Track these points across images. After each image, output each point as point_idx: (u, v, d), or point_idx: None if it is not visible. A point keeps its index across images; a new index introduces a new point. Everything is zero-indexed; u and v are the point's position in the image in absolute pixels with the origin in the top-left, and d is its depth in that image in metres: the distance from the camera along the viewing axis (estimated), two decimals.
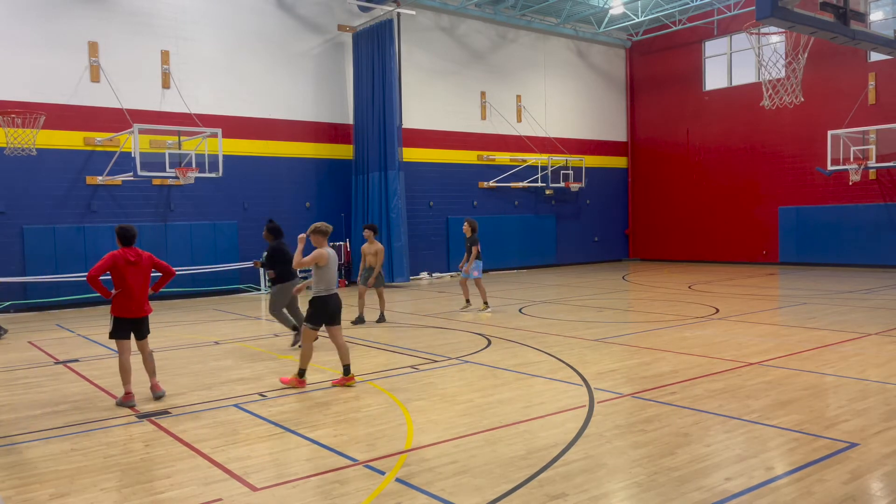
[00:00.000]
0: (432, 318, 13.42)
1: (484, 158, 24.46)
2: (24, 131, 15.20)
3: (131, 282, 7.54)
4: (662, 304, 14.76)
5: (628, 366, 8.77)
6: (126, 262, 7.55)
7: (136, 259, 7.64)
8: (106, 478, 5.26)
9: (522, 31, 25.58)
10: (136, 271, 7.60)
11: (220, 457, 5.64)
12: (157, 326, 13.43)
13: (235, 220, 19.36)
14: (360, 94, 21.29)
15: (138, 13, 18.01)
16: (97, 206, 17.47)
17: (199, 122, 18.02)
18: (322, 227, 8.12)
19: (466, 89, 24.11)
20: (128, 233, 7.74)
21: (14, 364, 9.99)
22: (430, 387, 7.93)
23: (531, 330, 11.71)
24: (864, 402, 6.83)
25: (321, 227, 8.11)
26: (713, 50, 26.35)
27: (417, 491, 4.84)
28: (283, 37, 20.38)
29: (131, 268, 7.56)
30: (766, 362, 8.72)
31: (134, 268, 7.60)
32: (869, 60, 21.82)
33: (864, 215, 22.28)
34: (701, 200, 26.61)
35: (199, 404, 7.37)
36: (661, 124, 27.91)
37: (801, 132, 23.52)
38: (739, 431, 6.00)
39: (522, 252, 25.37)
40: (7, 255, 16.30)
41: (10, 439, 6.30)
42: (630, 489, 4.85)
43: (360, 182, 21.55)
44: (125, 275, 7.50)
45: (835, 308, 13.53)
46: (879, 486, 4.82)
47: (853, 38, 7.92)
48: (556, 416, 6.56)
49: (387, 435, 6.12)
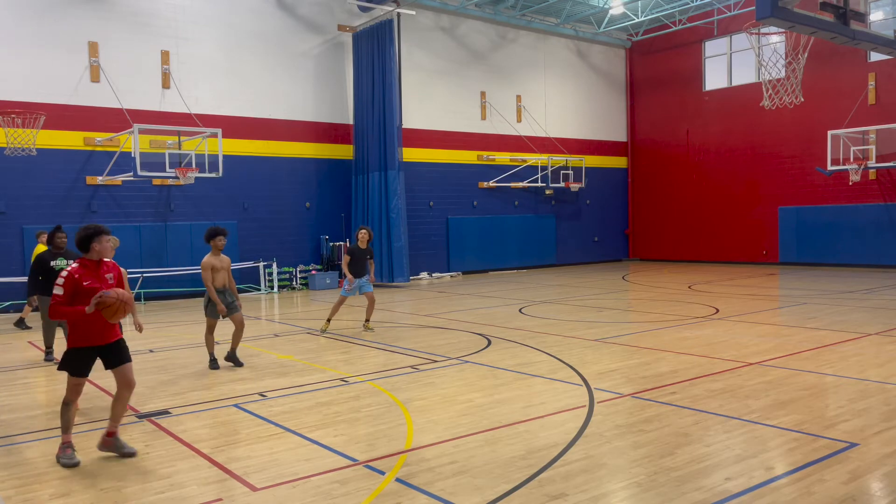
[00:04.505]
0: (432, 318, 13.42)
1: (484, 158, 24.46)
2: (24, 131, 15.20)
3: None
4: (662, 305, 14.76)
5: (628, 366, 8.77)
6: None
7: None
8: (106, 478, 5.26)
9: (522, 31, 25.57)
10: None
11: (220, 457, 5.64)
12: (158, 326, 13.43)
13: (235, 220, 19.36)
14: (360, 95, 21.30)
15: (138, 13, 18.01)
16: (97, 206, 17.48)
17: (199, 122, 18.02)
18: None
19: (466, 89, 24.11)
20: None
21: (14, 364, 9.99)
22: (430, 387, 7.93)
23: (531, 330, 11.71)
24: (864, 402, 6.83)
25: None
26: (713, 50, 26.35)
27: (417, 491, 4.84)
28: (283, 37, 20.38)
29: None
30: (766, 362, 8.72)
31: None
32: (869, 60, 21.82)
33: (864, 215, 22.28)
34: (701, 200, 26.61)
35: (199, 404, 7.37)
36: (661, 124, 27.91)
37: (801, 132, 23.52)
38: (739, 431, 6.00)
39: (522, 252, 25.37)
40: (7, 255, 16.30)
41: (10, 439, 6.30)
42: (630, 489, 4.85)
43: (360, 182, 21.56)
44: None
45: (835, 308, 13.53)
46: (879, 486, 4.82)
47: (853, 38, 7.93)
48: (556, 416, 6.55)
49: (387, 435, 6.12)
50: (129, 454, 5.69)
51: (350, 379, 8.41)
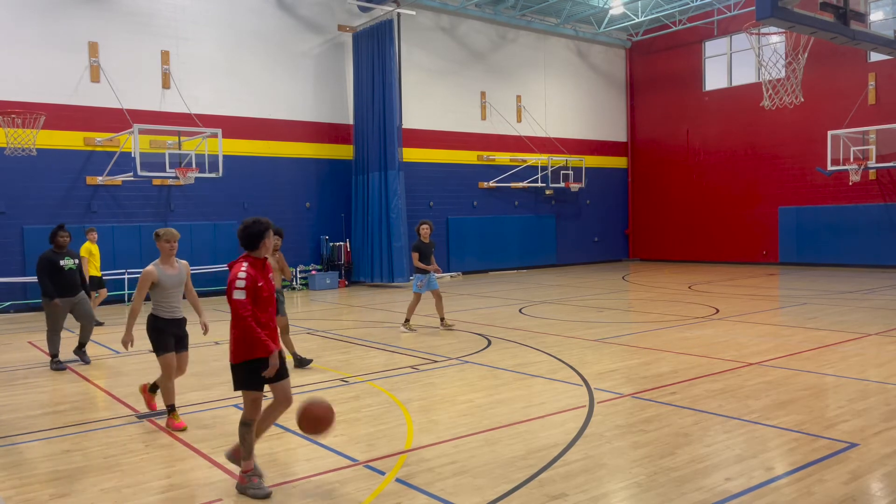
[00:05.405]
0: (432, 319, 13.41)
1: (484, 158, 24.46)
2: (24, 131, 15.20)
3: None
4: (662, 305, 14.76)
5: (628, 366, 8.77)
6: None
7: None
8: (106, 478, 5.26)
9: (522, 31, 25.57)
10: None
11: (219, 457, 5.63)
12: None
13: (235, 220, 19.36)
14: (360, 95, 21.29)
15: (138, 13, 18.01)
16: (97, 206, 17.48)
17: (199, 122, 18.02)
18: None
19: (466, 89, 24.11)
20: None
21: (14, 364, 9.99)
22: (430, 387, 7.92)
23: (531, 330, 11.71)
24: (864, 402, 6.83)
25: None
26: (713, 50, 26.35)
27: (417, 491, 4.84)
28: (283, 37, 20.38)
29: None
30: (766, 362, 8.72)
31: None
32: (869, 60, 21.82)
33: (864, 215, 22.28)
34: (701, 200, 26.61)
35: (199, 404, 7.37)
36: (661, 124, 27.91)
37: (801, 132, 23.52)
38: (739, 431, 6.00)
39: (522, 252, 25.37)
40: (7, 255, 16.30)
41: (10, 439, 6.30)
42: (630, 489, 4.85)
43: (360, 182, 21.55)
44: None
45: (835, 308, 13.53)
46: (879, 487, 4.82)
47: (853, 38, 7.92)
48: (556, 417, 6.55)
49: (387, 435, 6.12)
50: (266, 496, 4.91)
51: (350, 379, 8.41)
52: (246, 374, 4.94)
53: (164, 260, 6.62)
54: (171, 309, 6.65)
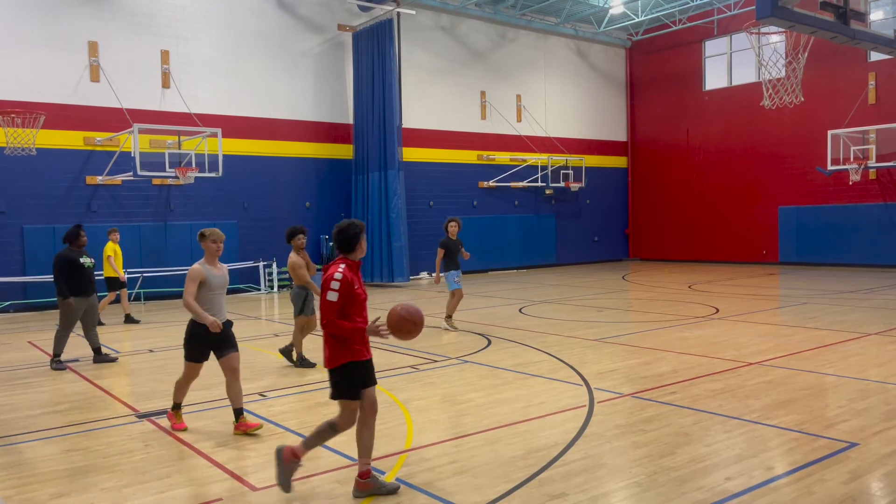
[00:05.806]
0: (432, 319, 13.41)
1: (484, 158, 24.46)
2: (24, 131, 15.20)
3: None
4: (662, 304, 14.76)
5: (628, 366, 8.77)
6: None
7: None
8: (106, 478, 5.25)
9: (522, 30, 25.57)
10: None
11: (219, 457, 5.64)
12: (157, 326, 13.43)
13: (235, 219, 19.36)
14: (360, 94, 21.29)
15: (138, 13, 18.01)
16: (97, 205, 17.47)
17: (199, 121, 18.02)
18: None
19: (466, 89, 24.11)
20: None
21: (14, 364, 9.99)
22: (430, 387, 7.92)
23: (531, 330, 11.71)
24: (864, 402, 6.83)
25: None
26: (713, 50, 26.34)
27: (417, 491, 4.84)
28: (283, 37, 20.38)
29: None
30: (766, 362, 8.72)
31: None
32: (869, 60, 21.82)
33: (864, 215, 22.28)
34: (701, 200, 26.61)
35: (199, 404, 7.36)
36: (661, 124, 27.91)
37: (801, 132, 23.51)
38: (739, 431, 5.99)
39: (522, 252, 25.37)
40: (7, 255, 16.29)
41: (10, 439, 6.30)
42: (630, 489, 4.85)
43: (360, 182, 21.55)
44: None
45: (835, 308, 13.53)
46: (879, 486, 4.82)
47: (853, 37, 7.93)
48: (556, 416, 6.55)
49: (387, 435, 6.11)
50: (392, 491, 4.81)
51: None
52: (344, 379, 4.73)
53: (210, 260, 6.34)
54: (216, 312, 6.28)
